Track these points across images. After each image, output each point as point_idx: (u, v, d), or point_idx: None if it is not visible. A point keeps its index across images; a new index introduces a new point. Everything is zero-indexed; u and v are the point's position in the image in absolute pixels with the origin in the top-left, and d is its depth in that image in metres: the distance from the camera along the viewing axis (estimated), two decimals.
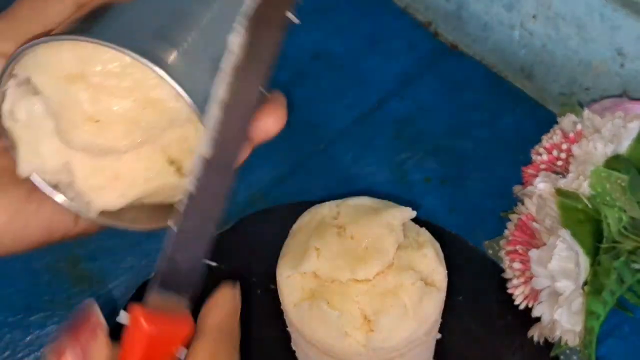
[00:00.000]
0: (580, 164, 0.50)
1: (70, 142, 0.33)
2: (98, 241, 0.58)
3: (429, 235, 0.46)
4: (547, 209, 0.49)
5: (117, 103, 0.32)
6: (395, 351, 0.43)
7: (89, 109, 0.32)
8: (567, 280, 0.47)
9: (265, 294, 0.53)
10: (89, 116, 0.32)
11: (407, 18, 0.71)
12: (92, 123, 0.32)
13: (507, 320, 0.52)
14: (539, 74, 0.65)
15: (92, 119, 0.32)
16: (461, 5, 0.68)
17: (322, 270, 0.43)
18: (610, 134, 0.51)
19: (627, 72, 0.58)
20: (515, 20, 0.64)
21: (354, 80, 0.67)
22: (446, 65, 0.68)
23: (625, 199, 0.48)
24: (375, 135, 0.63)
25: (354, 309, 0.42)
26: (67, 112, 0.32)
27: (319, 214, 0.46)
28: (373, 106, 0.65)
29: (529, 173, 0.54)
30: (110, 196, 0.35)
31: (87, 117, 0.32)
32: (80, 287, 0.56)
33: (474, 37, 0.68)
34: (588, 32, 0.59)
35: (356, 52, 0.69)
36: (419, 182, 0.61)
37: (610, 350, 0.52)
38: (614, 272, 0.47)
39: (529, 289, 0.50)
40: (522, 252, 0.51)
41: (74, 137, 0.32)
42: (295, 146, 0.63)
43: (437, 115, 0.64)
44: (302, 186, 0.61)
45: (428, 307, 0.43)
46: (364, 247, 0.43)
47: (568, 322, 0.47)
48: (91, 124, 0.32)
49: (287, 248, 0.46)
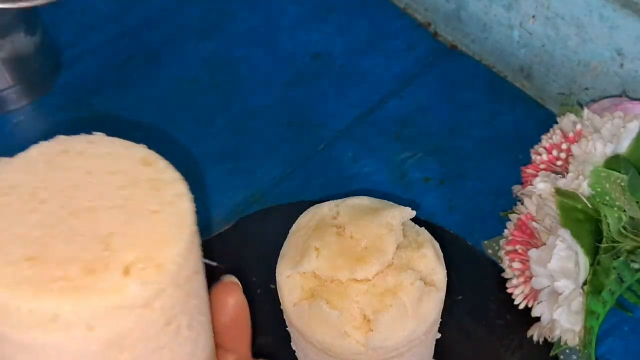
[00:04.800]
0: (579, 163, 0.50)
1: None
2: None
3: (429, 235, 0.46)
4: (546, 209, 0.49)
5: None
6: (395, 350, 0.43)
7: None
8: (567, 279, 0.47)
9: (265, 293, 0.53)
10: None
11: (407, 18, 0.71)
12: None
13: (506, 320, 0.52)
14: (539, 74, 0.65)
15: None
16: (460, 6, 0.68)
17: (321, 269, 0.43)
18: (610, 133, 0.51)
19: (626, 72, 0.58)
20: (515, 21, 0.64)
21: (354, 80, 0.67)
22: (446, 65, 0.68)
23: (624, 199, 0.48)
24: (375, 135, 0.64)
25: (354, 309, 0.42)
26: None
27: (319, 213, 0.46)
28: (373, 106, 0.66)
29: (529, 173, 0.54)
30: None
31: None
32: None
33: (474, 37, 0.68)
34: (587, 32, 0.59)
35: (356, 52, 0.69)
36: (419, 181, 0.61)
37: (610, 349, 0.52)
38: (613, 272, 0.47)
39: (529, 288, 0.50)
40: (521, 252, 0.51)
41: None
42: (295, 146, 0.63)
43: (436, 115, 0.65)
44: (302, 186, 0.61)
45: (427, 306, 0.43)
46: (364, 246, 0.43)
47: (567, 321, 0.47)
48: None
49: (286, 248, 0.46)
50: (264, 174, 0.62)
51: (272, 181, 0.61)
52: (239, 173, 0.62)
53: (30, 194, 0.33)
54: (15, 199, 0.32)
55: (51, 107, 0.66)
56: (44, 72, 0.67)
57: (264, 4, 0.73)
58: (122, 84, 0.68)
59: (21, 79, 0.65)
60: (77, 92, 0.67)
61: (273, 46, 0.70)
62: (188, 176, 0.66)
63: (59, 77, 0.68)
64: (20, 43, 0.63)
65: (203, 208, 0.60)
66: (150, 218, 0.32)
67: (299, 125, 0.64)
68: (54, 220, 0.31)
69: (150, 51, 0.70)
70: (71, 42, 0.70)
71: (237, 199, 0.60)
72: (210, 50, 0.70)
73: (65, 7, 0.73)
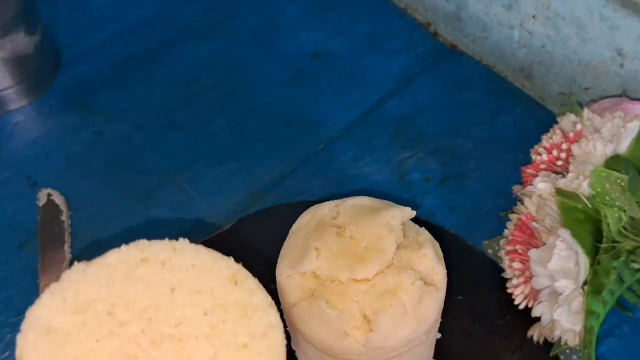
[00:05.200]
0: (579, 163, 0.50)
1: None
2: (98, 241, 0.58)
3: (429, 235, 0.46)
4: (546, 209, 0.49)
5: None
6: (395, 350, 0.43)
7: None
8: (567, 279, 0.47)
9: None
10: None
11: (407, 18, 0.71)
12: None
13: (506, 320, 0.52)
14: (539, 74, 0.65)
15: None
16: (460, 6, 0.68)
17: (321, 270, 0.43)
18: (610, 133, 0.51)
19: (626, 72, 0.58)
20: (515, 21, 0.64)
21: (354, 80, 0.67)
22: (446, 65, 0.68)
23: (624, 199, 0.48)
24: (375, 135, 0.63)
25: (354, 309, 0.42)
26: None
27: (319, 213, 0.46)
28: (373, 106, 0.66)
29: (529, 173, 0.54)
30: None
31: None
32: None
33: (474, 37, 0.68)
34: (587, 32, 0.59)
35: (356, 52, 0.69)
36: (419, 181, 0.61)
37: (610, 349, 0.52)
38: (613, 272, 0.47)
39: (529, 288, 0.50)
40: (521, 252, 0.51)
41: None
42: (295, 146, 0.63)
43: (436, 115, 0.64)
44: (302, 186, 0.61)
45: (427, 306, 0.43)
46: (364, 246, 0.43)
47: (568, 321, 0.47)
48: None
49: (286, 248, 0.46)
50: (264, 174, 0.62)
51: (272, 181, 0.61)
52: (239, 173, 0.62)
53: (108, 312, 0.30)
54: (91, 317, 0.29)
55: (51, 107, 0.66)
56: (44, 71, 0.67)
57: (264, 4, 0.73)
58: (122, 84, 0.68)
59: (21, 79, 0.65)
60: (77, 92, 0.67)
61: (273, 46, 0.70)
62: (188, 176, 0.67)
63: (59, 76, 0.68)
64: (20, 42, 0.63)
65: (203, 208, 0.60)
66: (239, 353, 0.29)
67: (299, 125, 0.64)
68: (135, 349, 0.29)
69: (150, 51, 0.70)
70: (71, 42, 0.70)
71: (237, 199, 0.60)
72: (210, 50, 0.70)
73: (65, 7, 0.73)
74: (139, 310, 0.30)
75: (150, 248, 0.33)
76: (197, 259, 0.33)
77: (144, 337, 0.29)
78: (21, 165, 0.63)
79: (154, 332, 0.29)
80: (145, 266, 0.32)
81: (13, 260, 0.57)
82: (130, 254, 0.32)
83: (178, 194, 0.61)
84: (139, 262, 0.32)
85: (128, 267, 0.32)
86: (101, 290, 0.30)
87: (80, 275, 0.31)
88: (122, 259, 0.32)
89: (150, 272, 0.31)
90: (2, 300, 0.55)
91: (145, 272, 0.31)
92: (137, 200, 0.60)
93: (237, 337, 0.30)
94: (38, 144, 0.64)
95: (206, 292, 0.31)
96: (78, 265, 0.31)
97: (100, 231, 0.59)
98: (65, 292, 0.30)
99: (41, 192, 0.60)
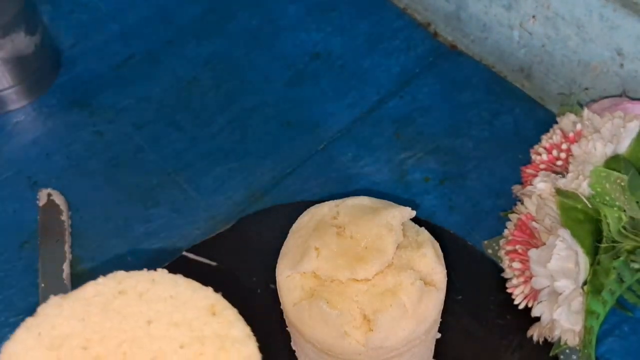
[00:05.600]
0: (579, 163, 0.50)
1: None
2: (98, 241, 0.58)
3: (429, 235, 0.46)
4: (546, 209, 0.49)
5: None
6: (395, 350, 0.43)
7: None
8: (567, 279, 0.47)
9: (265, 293, 0.53)
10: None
11: (407, 18, 0.71)
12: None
13: (506, 320, 0.52)
14: (538, 74, 0.65)
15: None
16: (460, 6, 0.68)
17: (321, 269, 0.43)
18: (610, 133, 0.51)
19: (626, 72, 0.58)
20: (515, 21, 0.64)
21: (354, 80, 0.67)
22: (445, 65, 0.68)
23: (624, 199, 0.48)
24: (375, 135, 0.64)
25: (354, 309, 0.42)
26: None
27: (319, 213, 0.46)
28: (373, 106, 0.66)
29: (529, 173, 0.54)
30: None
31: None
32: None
33: (473, 37, 0.68)
34: (587, 32, 0.59)
35: (356, 52, 0.69)
36: (419, 181, 0.61)
37: (610, 349, 0.52)
38: (613, 272, 0.47)
39: (529, 288, 0.50)
40: (521, 252, 0.51)
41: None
42: (295, 146, 0.63)
43: (436, 115, 0.65)
44: (302, 186, 0.61)
45: (427, 306, 0.43)
46: (364, 246, 0.43)
47: (567, 321, 0.47)
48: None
49: (286, 248, 0.46)
50: (263, 173, 0.62)
51: (272, 181, 0.61)
52: (239, 173, 0.62)
53: (83, 347, 0.29)
54: (66, 353, 0.29)
55: (51, 107, 0.66)
56: (44, 71, 0.67)
57: (264, 4, 0.73)
58: (122, 84, 0.68)
59: (21, 79, 0.65)
60: (77, 92, 0.67)
61: (273, 46, 0.70)
62: (188, 176, 0.67)
63: (59, 76, 0.68)
64: (20, 43, 0.63)
65: (203, 208, 0.60)
66: None
67: (299, 125, 0.64)
68: None
69: (150, 51, 0.70)
70: (71, 42, 0.70)
71: (237, 199, 0.60)
72: (210, 50, 0.70)
73: (65, 7, 0.73)
74: (114, 344, 0.30)
75: (129, 279, 0.32)
76: (175, 290, 0.32)
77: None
78: (21, 165, 0.63)
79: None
80: (122, 298, 0.32)
81: (13, 260, 0.57)
82: (107, 286, 0.32)
83: (178, 194, 0.61)
84: (116, 294, 0.32)
85: (105, 300, 0.31)
86: (77, 325, 0.30)
87: (56, 310, 0.31)
88: (99, 292, 0.32)
89: (127, 305, 0.31)
90: (2, 300, 0.55)
91: (122, 304, 0.31)
92: (137, 200, 0.60)
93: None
94: (38, 144, 0.64)
95: (183, 325, 0.31)
96: (54, 298, 0.31)
97: (100, 231, 0.59)
98: (40, 326, 0.30)
99: (41, 192, 0.60)
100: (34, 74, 0.66)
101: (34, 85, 0.66)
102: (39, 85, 0.66)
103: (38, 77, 0.66)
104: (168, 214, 0.60)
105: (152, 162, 0.62)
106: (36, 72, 0.66)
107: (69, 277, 0.56)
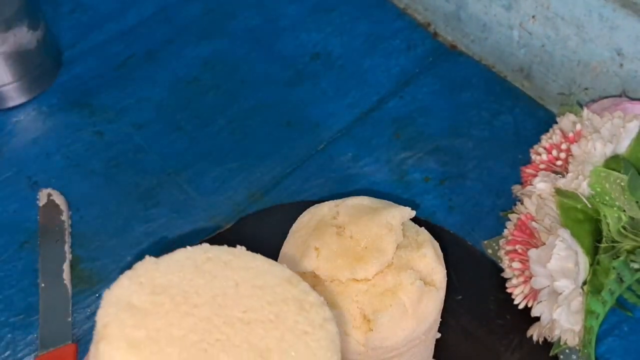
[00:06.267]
0: (579, 163, 0.50)
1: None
2: (98, 241, 0.58)
3: (428, 235, 0.46)
4: (546, 209, 0.49)
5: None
6: (395, 350, 0.43)
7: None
8: (567, 279, 0.47)
9: None
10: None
11: (407, 18, 0.71)
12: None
13: (506, 320, 0.52)
14: (538, 74, 0.65)
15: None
16: (460, 6, 0.68)
17: (321, 269, 0.43)
18: (610, 133, 0.51)
19: (626, 73, 0.58)
20: (514, 21, 0.64)
21: (354, 80, 0.67)
22: (445, 65, 0.68)
23: (624, 199, 0.48)
24: (374, 135, 0.64)
25: (354, 309, 0.42)
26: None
27: (319, 213, 0.46)
28: (373, 106, 0.66)
29: (528, 173, 0.54)
30: None
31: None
32: (80, 287, 0.56)
33: (473, 37, 0.68)
34: (587, 32, 0.59)
35: (356, 52, 0.69)
36: (419, 181, 0.61)
37: (610, 349, 0.52)
38: (613, 272, 0.47)
39: (529, 288, 0.50)
40: (521, 252, 0.51)
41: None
42: (295, 146, 0.63)
43: (436, 115, 0.65)
44: (302, 186, 0.61)
45: (427, 306, 0.43)
46: (363, 246, 0.43)
47: (567, 321, 0.47)
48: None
49: (286, 248, 0.46)
50: (263, 173, 0.62)
51: (272, 181, 0.61)
52: (239, 173, 0.62)
53: (182, 297, 0.32)
54: (167, 299, 0.32)
55: (51, 107, 0.66)
56: (46, 68, 0.67)
57: (264, 4, 0.73)
58: (122, 84, 0.68)
59: (22, 75, 0.65)
60: (77, 92, 0.67)
61: (273, 46, 0.70)
62: (188, 176, 0.67)
63: (59, 76, 0.68)
64: (22, 37, 0.63)
65: (203, 208, 0.60)
66: (302, 338, 0.32)
67: (298, 125, 0.65)
68: (210, 327, 0.31)
69: (150, 51, 0.70)
70: (72, 42, 0.70)
71: (237, 199, 0.60)
72: (210, 50, 0.70)
73: (66, 7, 0.73)
74: (209, 297, 0.32)
75: (213, 250, 0.35)
76: (254, 263, 0.35)
77: (217, 319, 0.32)
78: (21, 165, 0.63)
79: (225, 315, 0.32)
80: (210, 263, 0.34)
81: (13, 260, 0.57)
82: (195, 253, 0.34)
83: (178, 194, 0.61)
84: (205, 259, 0.34)
85: (195, 263, 0.34)
86: (173, 279, 0.33)
87: (153, 266, 0.33)
88: (189, 256, 0.34)
89: (216, 269, 0.34)
90: (2, 300, 0.55)
91: (211, 268, 0.34)
92: (137, 200, 0.60)
93: (298, 325, 0.33)
94: (38, 143, 0.64)
95: (267, 288, 0.34)
96: (149, 258, 0.33)
97: (100, 231, 0.59)
98: (141, 277, 0.33)
99: (41, 192, 0.60)
100: (36, 70, 0.65)
101: (35, 81, 0.66)
102: (40, 82, 0.66)
103: (39, 73, 0.66)
104: (168, 214, 0.60)
105: (152, 162, 0.63)
106: (37, 68, 0.66)
107: (69, 277, 0.56)
